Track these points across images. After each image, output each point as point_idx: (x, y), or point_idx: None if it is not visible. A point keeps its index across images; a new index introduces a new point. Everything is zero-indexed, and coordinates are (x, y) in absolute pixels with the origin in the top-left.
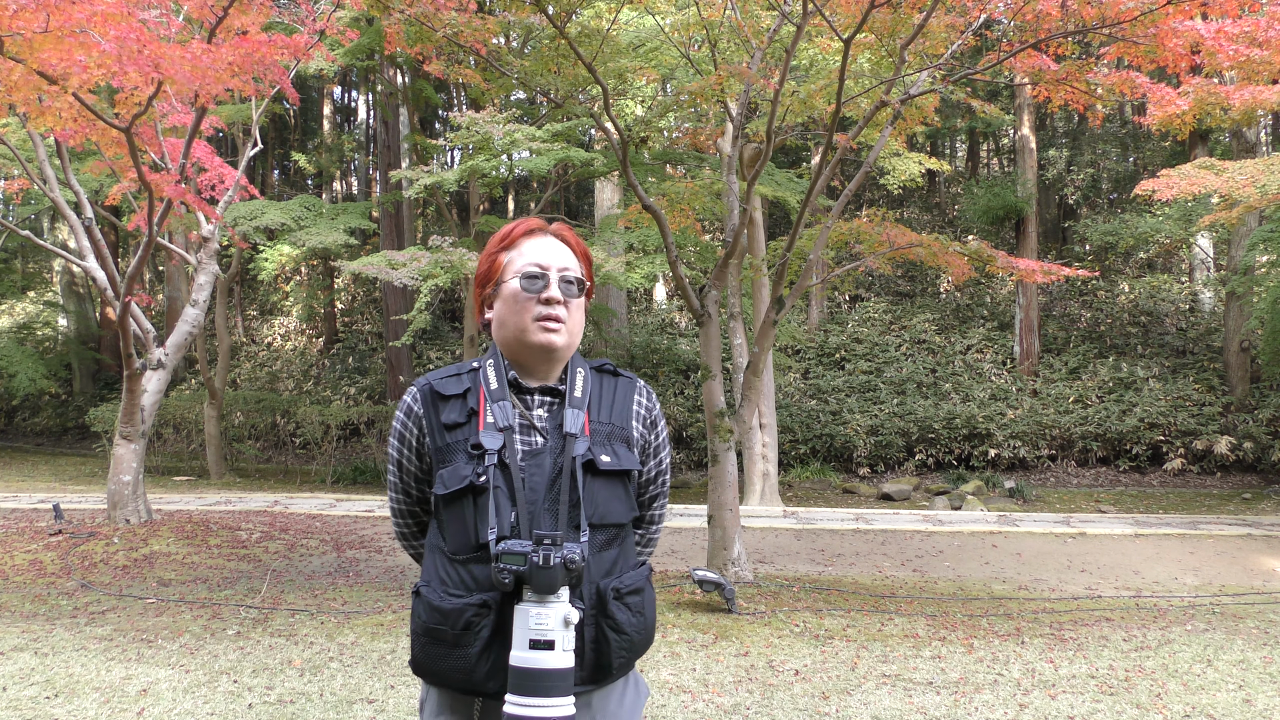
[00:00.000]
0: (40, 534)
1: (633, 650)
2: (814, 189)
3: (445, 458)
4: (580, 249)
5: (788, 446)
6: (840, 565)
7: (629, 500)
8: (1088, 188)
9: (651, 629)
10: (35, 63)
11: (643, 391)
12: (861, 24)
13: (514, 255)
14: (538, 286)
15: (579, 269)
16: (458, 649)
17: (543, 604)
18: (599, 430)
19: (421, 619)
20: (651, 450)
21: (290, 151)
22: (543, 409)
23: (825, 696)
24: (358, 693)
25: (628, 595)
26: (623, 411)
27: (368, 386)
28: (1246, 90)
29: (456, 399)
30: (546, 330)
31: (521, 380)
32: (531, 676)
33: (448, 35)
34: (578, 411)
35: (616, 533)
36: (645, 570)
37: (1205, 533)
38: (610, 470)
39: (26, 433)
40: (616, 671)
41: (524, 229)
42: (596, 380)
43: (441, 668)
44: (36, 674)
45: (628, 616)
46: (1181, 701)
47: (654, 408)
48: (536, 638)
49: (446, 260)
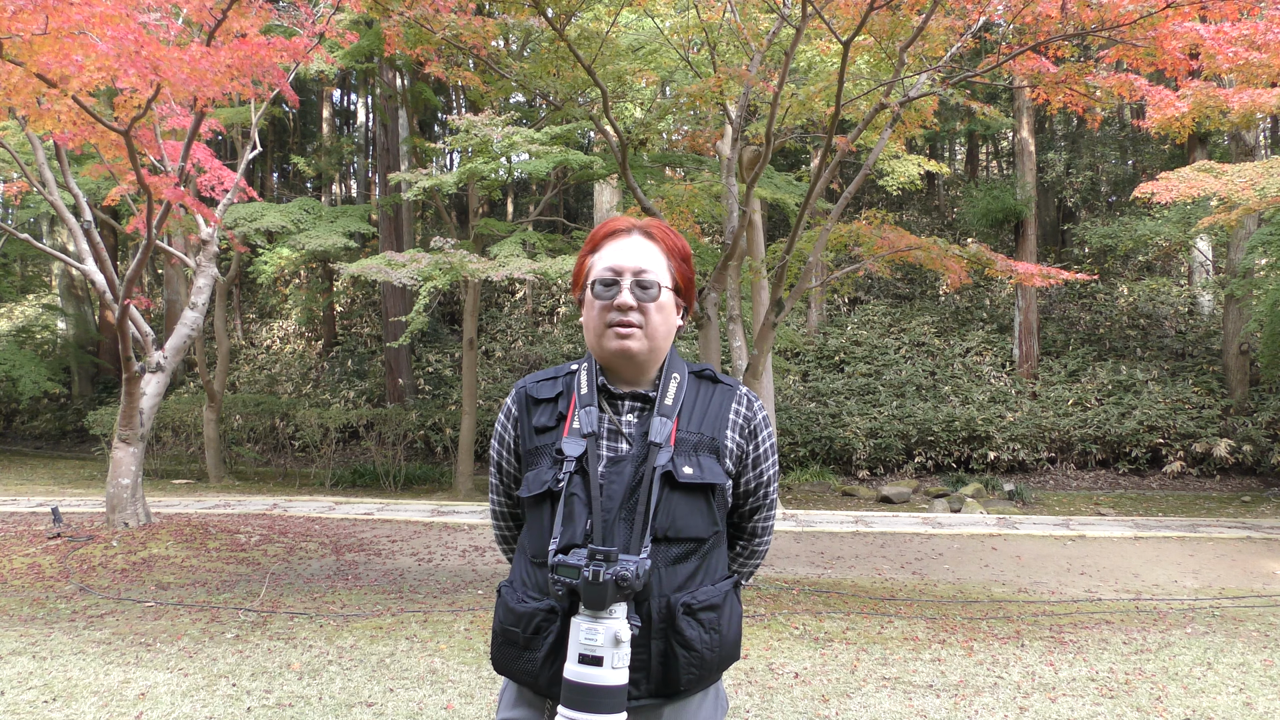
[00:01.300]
0: (39, 537)
1: (704, 667)
2: (813, 191)
3: (533, 461)
4: (669, 245)
5: (787, 449)
6: (839, 568)
7: (711, 514)
8: (1087, 190)
9: (732, 646)
10: (34, 65)
11: (743, 400)
12: (860, 26)
13: (596, 258)
14: (610, 293)
15: (662, 268)
16: (526, 652)
17: (594, 619)
18: (686, 440)
19: (500, 619)
20: (750, 461)
21: (289, 154)
22: (632, 414)
23: (825, 699)
24: (357, 696)
25: (700, 611)
26: (716, 421)
27: (367, 389)
28: (1245, 93)
29: (549, 403)
30: (619, 336)
31: (611, 385)
32: (580, 690)
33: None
34: (666, 420)
35: (695, 546)
36: (727, 585)
37: (1205, 535)
38: (691, 483)
39: (25, 436)
40: (687, 687)
41: (607, 230)
42: (694, 387)
43: (513, 669)
44: (35, 678)
45: (699, 633)
46: (1182, 704)
47: (754, 416)
48: (585, 653)
49: (446, 262)
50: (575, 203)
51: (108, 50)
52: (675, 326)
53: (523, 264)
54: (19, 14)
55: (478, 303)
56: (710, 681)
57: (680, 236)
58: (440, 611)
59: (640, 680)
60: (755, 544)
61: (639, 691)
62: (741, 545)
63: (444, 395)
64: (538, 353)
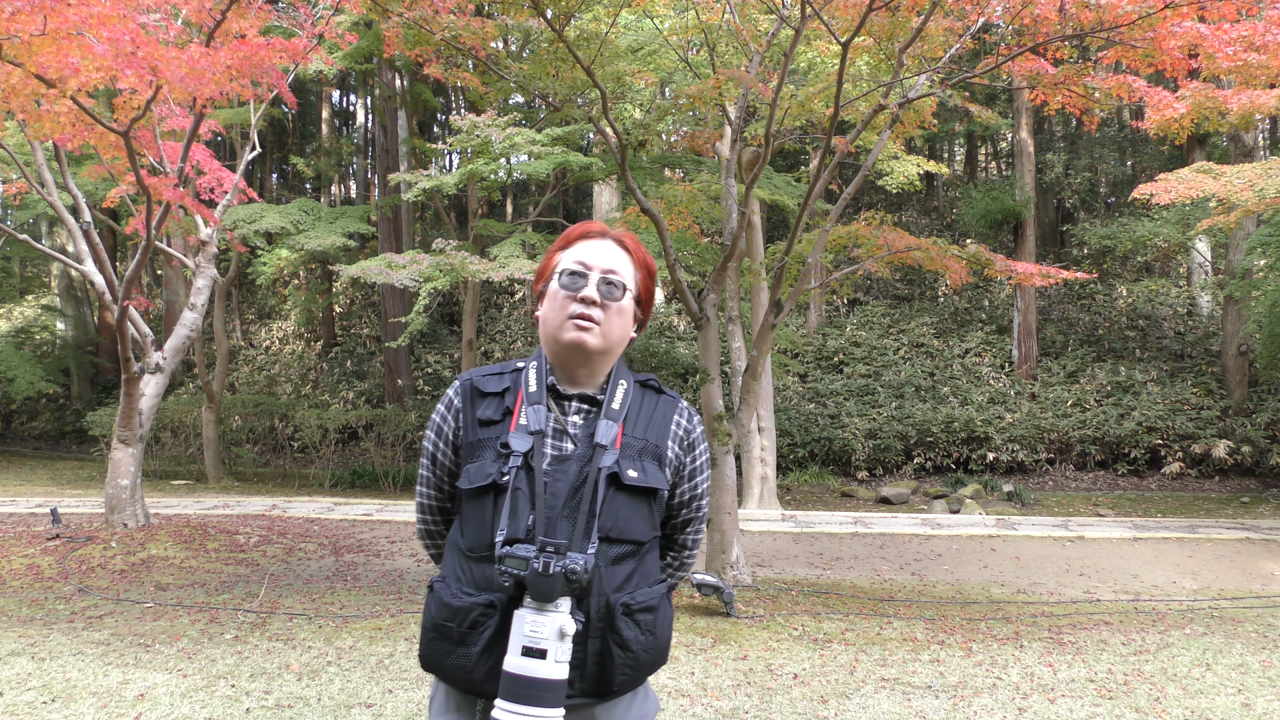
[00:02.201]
0: (38, 538)
1: (638, 668)
2: (812, 192)
3: (474, 453)
4: (639, 257)
5: (786, 450)
6: (839, 569)
7: (651, 518)
8: (1085, 191)
9: (663, 649)
10: (33, 66)
11: (684, 412)
12: (859, 27)
13: (565, 255)
14: (577, 285)
15: (629, 274)
16: (461, 647)
17: (540, 612)
18: (631, 445)
19: (432, 614)
20: (687, 473)
21: (289, 155)
22: (579, 416)
23: (824, 700)
24: (356, 697)
25: (638, 612)
26: (660, 429)
27: (366, 390)
28: (1244, 94)
29: (495, 396)
30: (579, 328)
31: (561, 386)
32: (521, 683)
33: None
34: (612, 423)
35: (634, 549)
36: (662, 589)
37: (1204, 536)
38: (635, 486)
39: (24, 436)
40: (620, 688)
41: (581, 231)
42: (638, 395)
43: (445, 664)
44: (33, 679)
45: (635, 634)
46: (1180, 705)
47: (694, 430)
48: (530, 645)
49: (446, 263)
50: (574, 204)
51: (104, 51)
52: (629, 336)
53: (522, 265)
54: (17, 15)
55: (477, 304)
56: (639, 683)
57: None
58: None
59: (575, 679)
60: (685, 556)
61: (573, 690)
62: (672, 556)
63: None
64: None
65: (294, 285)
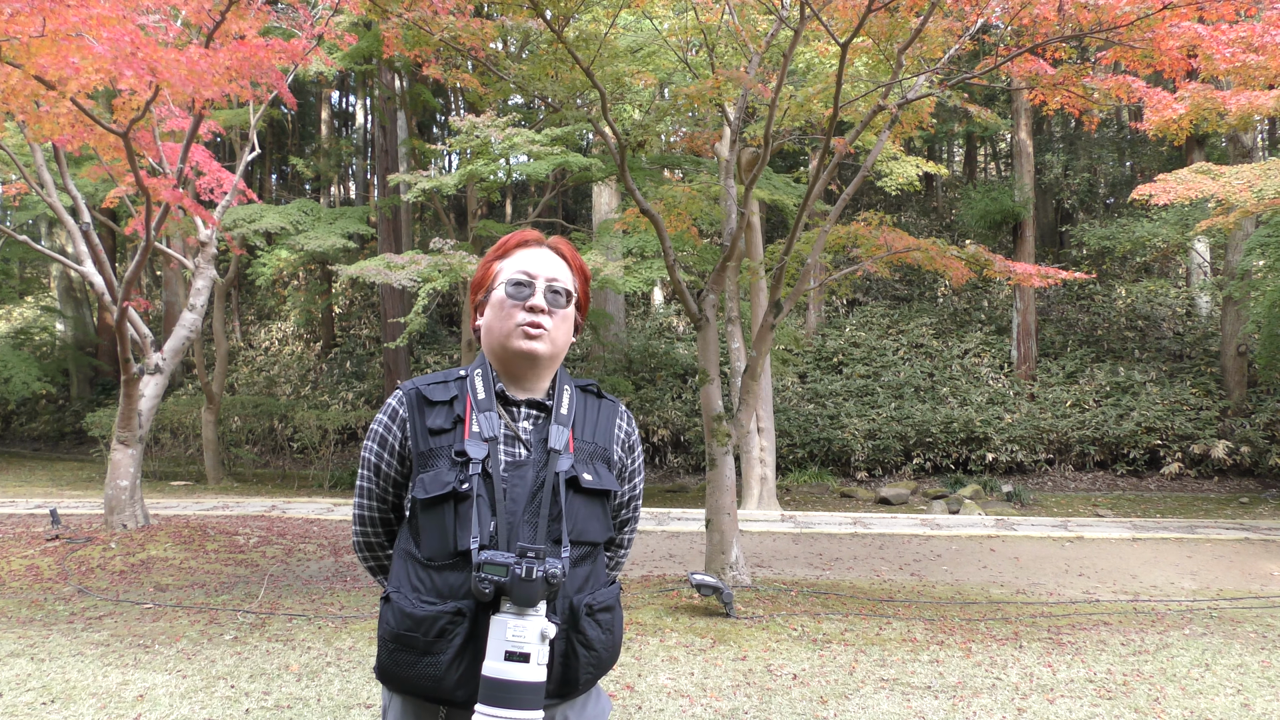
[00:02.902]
0: (37, 539)
1: (599, 667)
2: (811, 193)
3: (427, 462)
4: (576, 264)
5: (785, 450)
6: (838, 569)
7: (605, 519)
8: (1085, 192)
9: (618, 647)
10: (33, 68)
11: (624, 416)
12: (859, 28)
13: (506, 264)
14: (523, 294)
15: (570, 281)
16: (428, 656)
17: (521, 616)
18: (583, 448)
19: (390, 625)
20: (628, 475)
21: (288, 156)
22: (528, 422)
23: (823, 701)
24: (355, 698)
25: (599, 612)
26: (605, 433)
27: (365, 391)
28: (1243, 95)
29: (443, 405)
30: (528, 337)
31: (509, 392)
32: (504, 688)
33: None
34: (563, 428)
35: (591, 550)
36: (616, 589)
37: (1203, 537)
38: (591, 489)
39: (24, 438)
40: (583, 687)
41: (518, 240)
42: (581, 400)
43: (409, 675)
44: (33, 680)
45: (598, 633)
46: (1180, 706)
47: (633, 433)
48: (513, 650)
49: (445, 264)
50: (574, 204)
51: (104, 52)
52: (571, 340)
53: None
54: (16, 16)
55: None
56: (595, 682)
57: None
58: None
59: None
60: (620, 555)
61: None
62: (609, 555)
63: None
64: None
65: (293, 286)
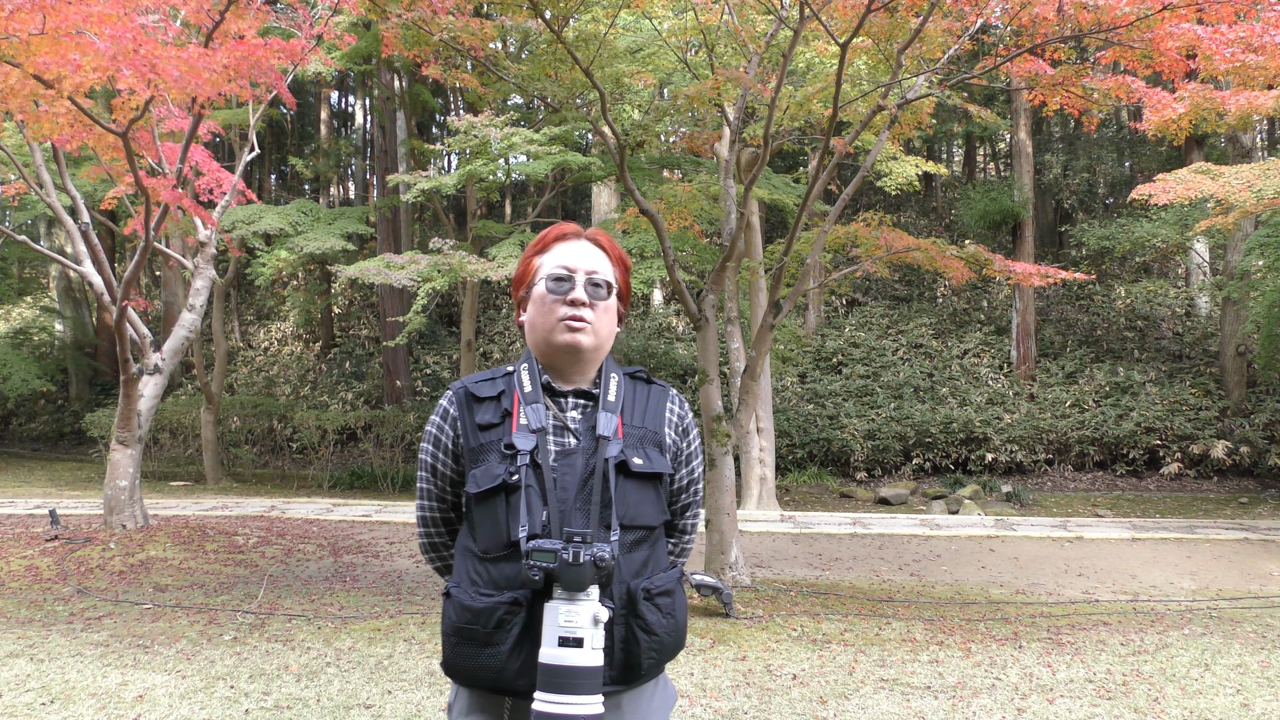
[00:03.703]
0: (36, 539)
1: (662, 652)
2: (811, 193)
3: (478, 458)
4: (616, 254)
5: (785, 451)
6: (837, 569)
7: (660, 503)
8: (1084, 192)
9: (682, 631)
10: (31, 66)
11: (675, 399)
12: (858, 28)
13: (546, 259)
14: (564, 288)
15: (610, 273)
16: (489, 647)
17: (572, 601)
18: (632, 433)
19: (452, 619)
20: (684, 458)
21: (287, 156)
22: (576, 411)
23: (823, 701)
24: (355, 698)
25: (658, 596)
26: (655, 417)
27: (364, 391)
28: (1242, 95)
29: (491, 401)
30: (571, 330)
31: (555, 384)
32: (560, 674)
33: (445, 39)
34: (611, 415)
35: (646, 534)
36: (676, 573)
37: (1202, 537)
38: (642, 473)
39: (23, 438)
40: (646, 673)
41: (557, 233)
42: (630, 386)
43: (472, 666)
44: (32, 680)
45: (658, 617)
46: (1179, 706)
47: (686, 415)
48: (566, 635)
49: (445, 264)
50: (573, 204)
51: (105, 49)
52: (615, 331)
53: None
54: (16, 14)
55: (475, 304)
56: (661, 669)
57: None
58: (438, 613)
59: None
60: (684, 540)
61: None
62: (672, 543)
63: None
64: None
65: (292, 286)
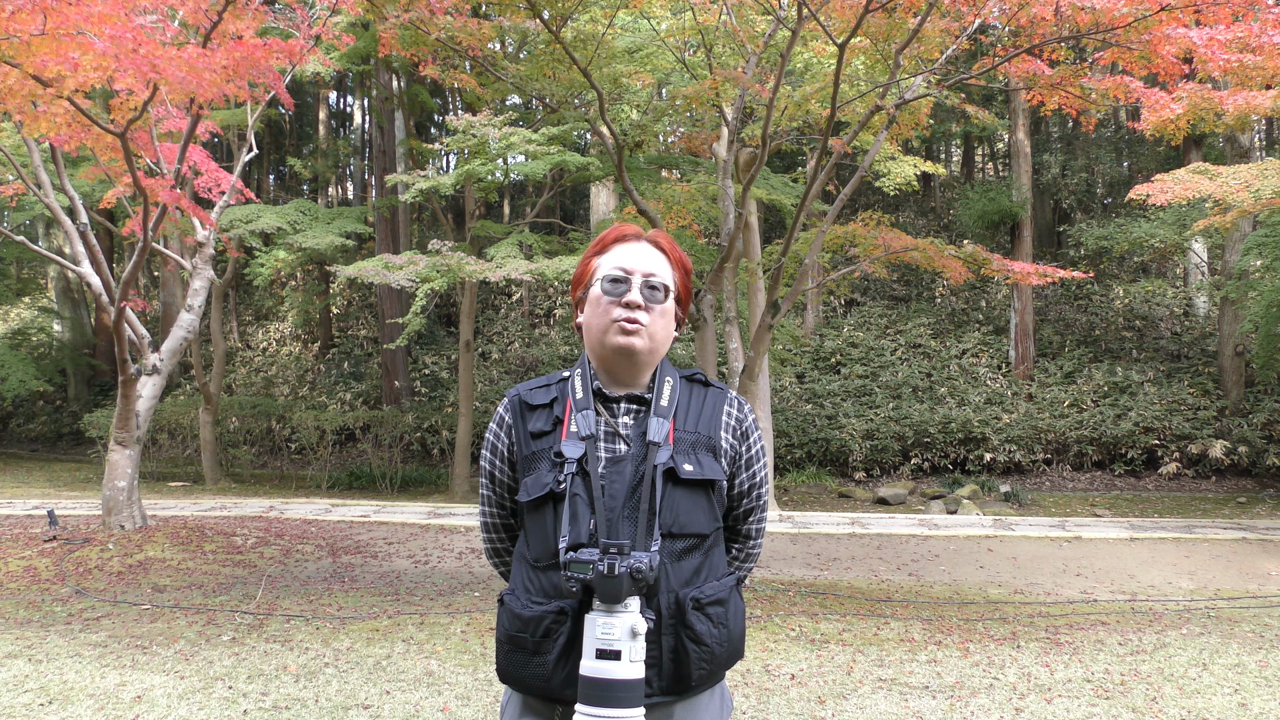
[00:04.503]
0: (35, 540)
1: (714, 662)
2: (809, 193)
3: (530, 465)
4: (676, 256)
5: (783, 451)
6: (836, 569)
7: (712, 510)
8: (1082, 192)
9: (738, 641)
10: (31, 66)
11: (734, 402)
12: (856, 29)
13: (604, 260)
14: (619, 290)
15: (669, 275)
16: (537, 656)
17: (610, 614)
18: (684, 439)
19: (505, 627)
20: (744, 462)
21: (285, 156)
22: (629, 416)
23: (821, 701)
24: (353, 698)
25: (709, 606)
26: (711, 421)
27: (363, 392)
28: (1240, 95)
29: (544, 408)
30: (625, 332)
31: (607, 389)
32: (599, 686)
33: (443, 39)
34: (663, 420)
35: (698, 542)
36: (731, 581)
37: (1200, 536)
38: (692, 479)
39: (21, 438)
40: (698, 683)
41: (617, 234)
42: (686, 389)
43: (523, 675)
44: (30, 681)
45: (708, 628)
46: (1177, 705)
47: (745, 419)
48: (603, 647)
49: (443, 264)
50: (572, 204)
51: (105, 49)
52: (673, 335)
53: (519, 265)
54: (17, 14)
55: (474, 305)
56: (718, 678)
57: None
58: (437, 614)
59: (653, 677)
60: (750, 546)
61: (652, 689)
62: (737, 548)
63: (440, 397)
64: (534, 355)
65: (291, 287)
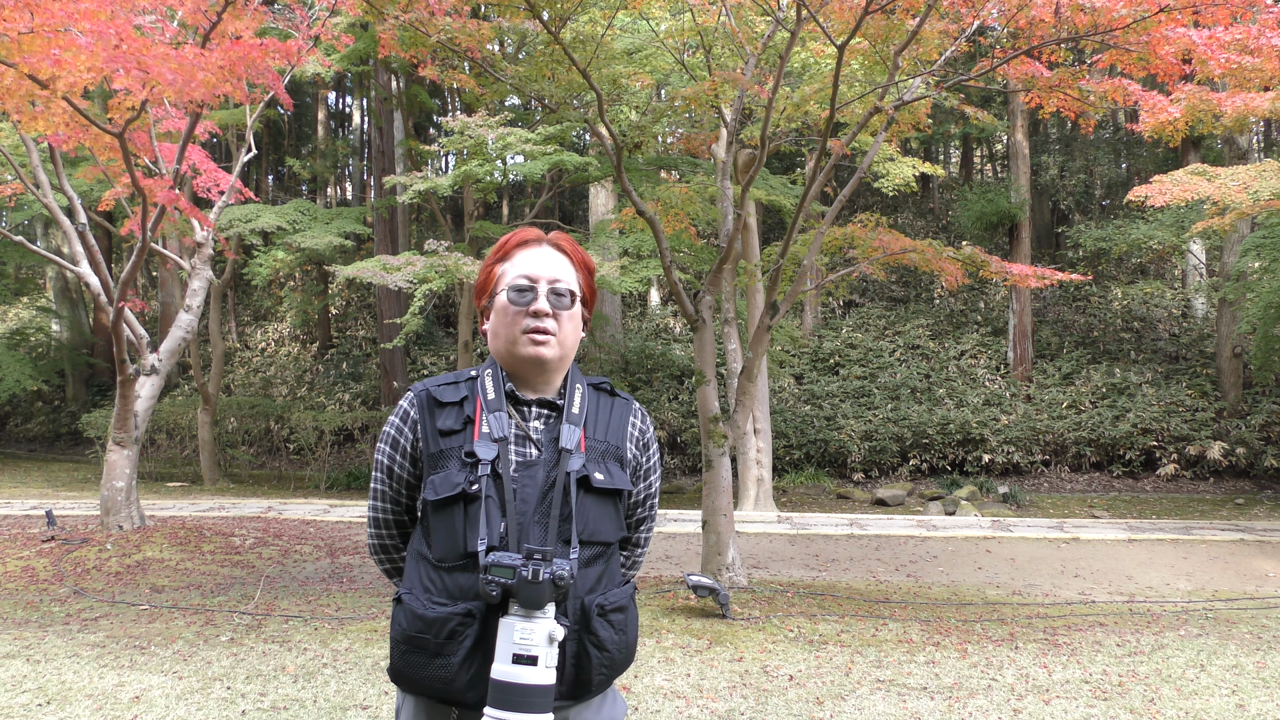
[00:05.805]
0: (33, 540)
1: (613, 668)
2: (808, 194)
3: (438, 464)
4: (578, 258)
5: (782, 452)
6: (834, 570)
7: (618, 519)
8: (1081, 194)
9: (633, 648)
10: (24, 65)
11: (638, 414)
12: (855, 30)
13: (507, 267)
14: (526, 299)
15: (573, 279)
16: (439, 658)
17: (529, 619)
18: (594, 448)
19: (403, 627)
20: (643, 473)
21: (284, 157)
22: (539, 421)
23: (820, 702)
24: (351, 699)
25: (611, 612)
26: (618, 431)
27: (362, 392)
28: (1238, 97)
29: (453, 406)
30: (534, 343)
31: (519, 392)
32: (512, 691)
33: (442, 40)
34: (574, 427)
35: (603, 550)
36: (629, 589)
37: (1198, 538)
38: (603, 488)
39: (19, 439)
40: (596, 688)
41: (517, 240)
42: (594, 398)
43: (421, 676)
44: (28, 681)
45: (610, 634)
46: (1175, 707)
47: (647, 430)
48: (520, 652)
49: (442, 265)
50: (570, 205)
51: (88, 44)
52: (580, 337)
53: None
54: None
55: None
56: (610, 684)
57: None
58: None
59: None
60: (637, 554)
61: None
62: (625, 555)
63: None
64: None
65: (290, 287)
